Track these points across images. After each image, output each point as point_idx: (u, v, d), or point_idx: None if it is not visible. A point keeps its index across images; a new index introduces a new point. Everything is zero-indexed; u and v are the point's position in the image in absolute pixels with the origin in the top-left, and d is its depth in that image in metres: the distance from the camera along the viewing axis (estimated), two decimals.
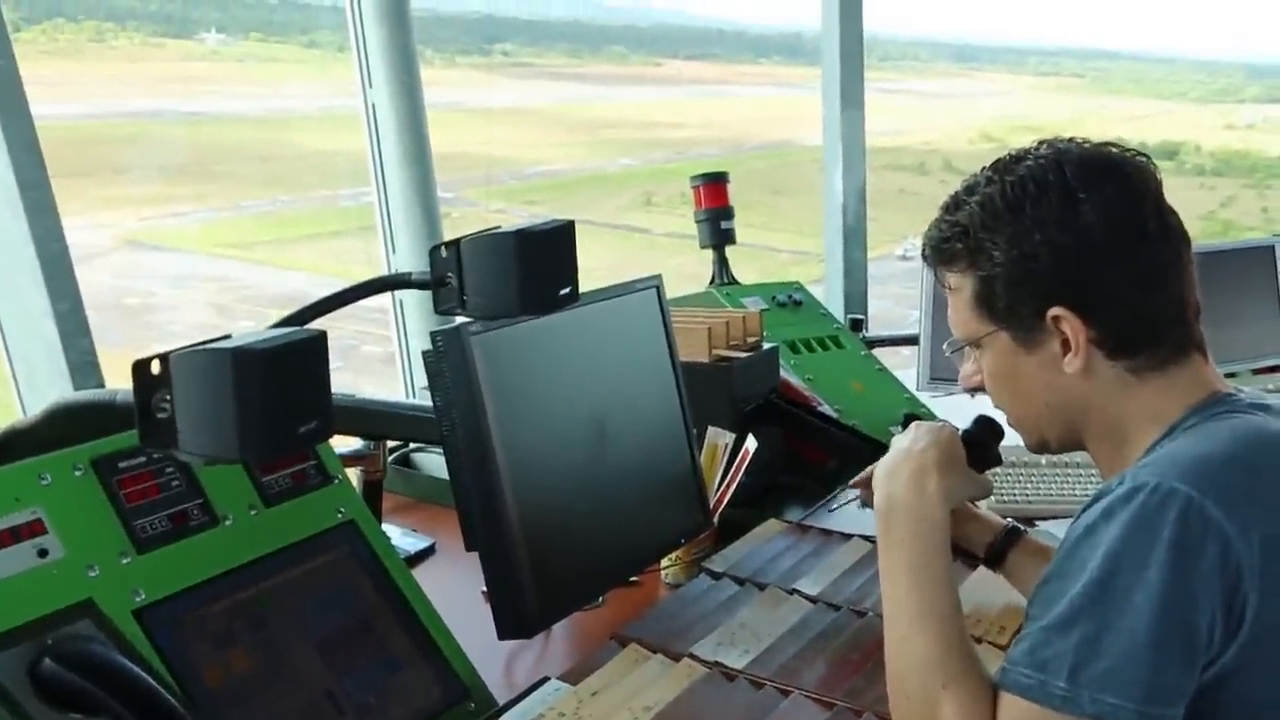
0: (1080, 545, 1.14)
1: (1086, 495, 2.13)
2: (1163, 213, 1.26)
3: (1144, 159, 1.29)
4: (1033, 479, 2.26)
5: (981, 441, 1.49)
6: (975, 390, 1.40)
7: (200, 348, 1.08)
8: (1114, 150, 1.29)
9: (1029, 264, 1.25)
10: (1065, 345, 1.26)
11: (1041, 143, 1.31)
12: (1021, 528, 1.63)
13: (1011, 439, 1.47)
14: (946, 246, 1.33)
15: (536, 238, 1.52)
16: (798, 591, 1.74)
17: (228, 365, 1.05)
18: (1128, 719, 1.08)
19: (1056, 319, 1.25)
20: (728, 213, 3.03)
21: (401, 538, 2.08)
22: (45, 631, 1.15)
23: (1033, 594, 1.19)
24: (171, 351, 1.08)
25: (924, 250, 1.39)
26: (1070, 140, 1.30)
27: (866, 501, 1.69)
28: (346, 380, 1.37)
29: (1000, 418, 1.46)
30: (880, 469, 1.44)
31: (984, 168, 1.32)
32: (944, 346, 1.45)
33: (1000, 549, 1.60)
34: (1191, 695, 1.11)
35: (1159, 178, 1.29)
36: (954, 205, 1.33)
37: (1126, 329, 1.25)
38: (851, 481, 1.75)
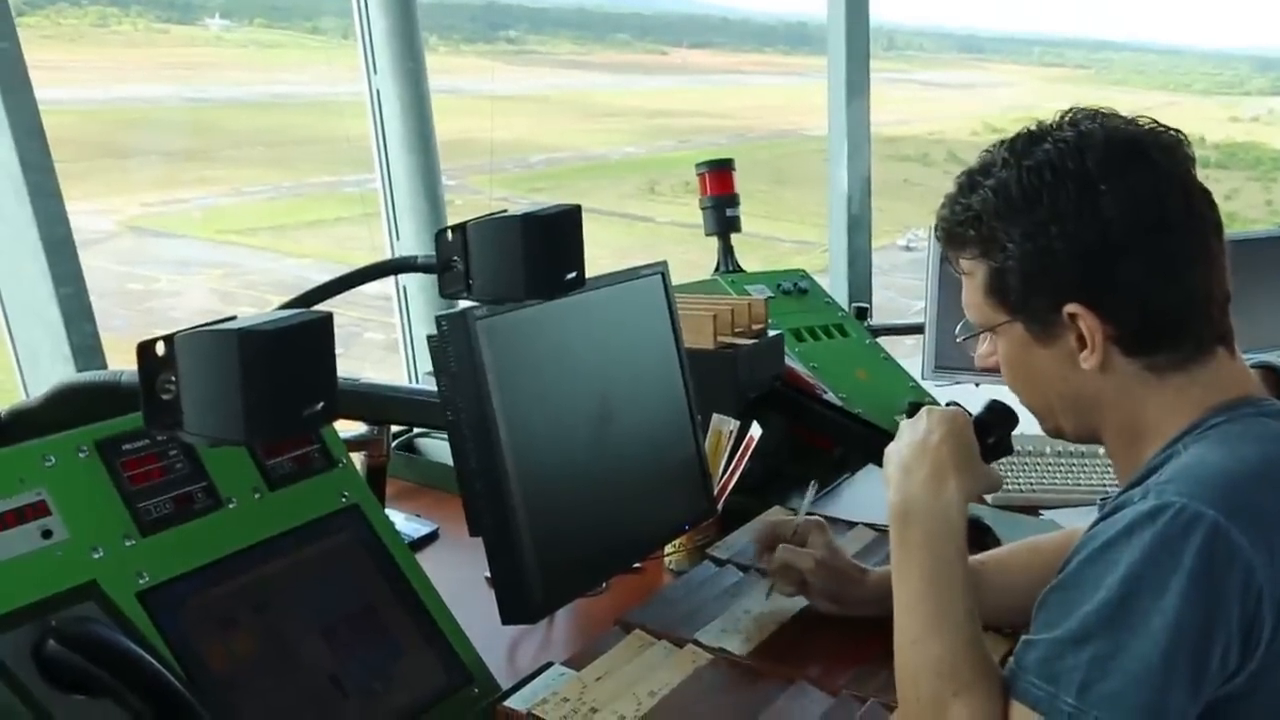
0: (1097, 559, 1.11)
1: (1093, 485, 2.15)
2: (1190, 198, 1.20)
3: (1175, 136, 1.22)
4: (1039, 468, 2.25)
5: (994, 429, 1.42)
6: (991, 370, 1.34)
7: (206, 329, 1.07)
8: (1143, 129, 1.22)
9: (1044, 259, 1.20)
10: (1081, 341, 1.21)
11: (1065, 116, 1.24)
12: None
13: (1018, 427, 1.45)
14: (959, 231, 1.28)
15: (543, 221, 1.51)
16: None
17: (233, 346, 1.04)
18: None
19: (1073, 315, 1.21)
20: (733, 200, 3.02)
21: (405, 523, 2.08)
22: (49, 613, 1.15)
23: (1041, 597, 1.16)
24: (177, 333, 1.07)
25: (936, 230, 1.33)
26: (1096, 115, 1.23)
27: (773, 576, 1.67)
28: (349, 367, 1.37)
29: (1013, 401, 1.41)
30: (893, 463, 1.37)
31: (1002, 143, 1.26)
32: (956, 331, 1.40)
33: None
34: (1200, 713, 1.10)
35: (1191, 156, 1.23)
36: (968, 186, 1.27)
37: (1146, 326, 1.20)
38: (756, 554, 1.70)
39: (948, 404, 1.43)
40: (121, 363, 2.13)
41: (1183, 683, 1.06)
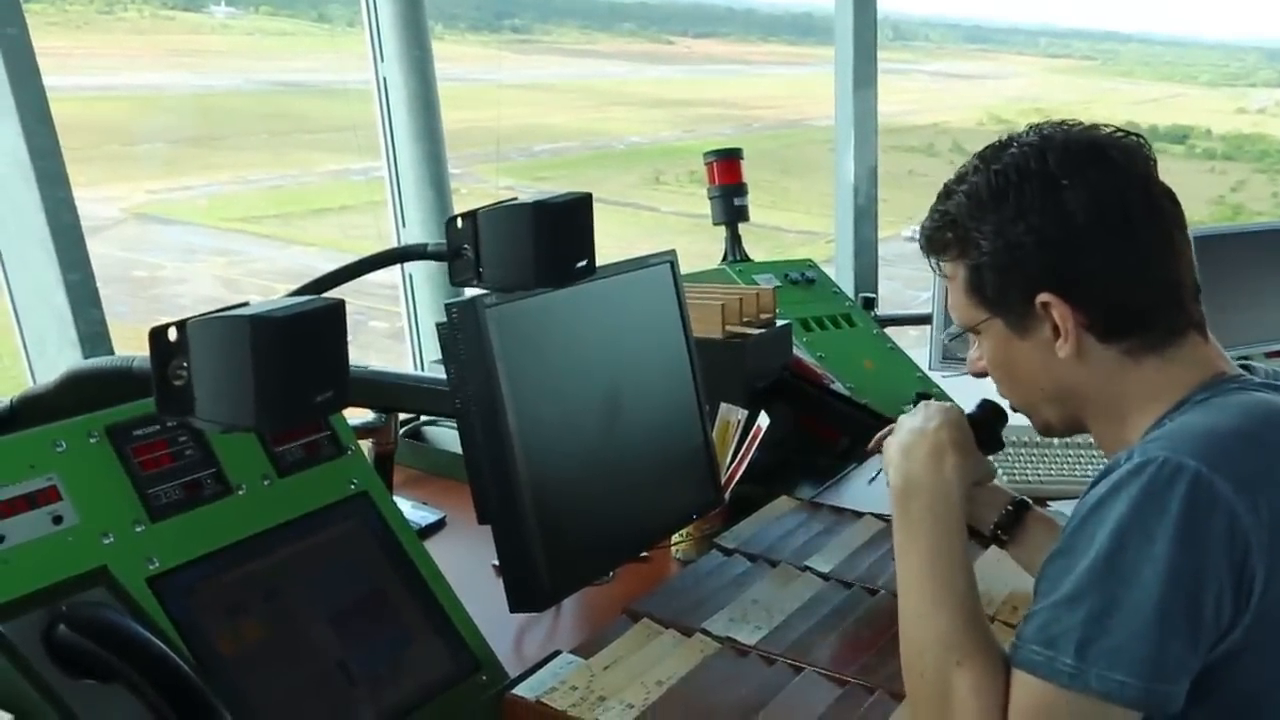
0: (1089, 520, 1.14)
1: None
2: (1151, 196, 1.26)
3: (1134, 140, 1.29)
4: (1045, 459, 2.25)
5: (986, 425, 1.48)
6: (980, 375, 1.40)
7: (218, 315, 1.07)
8: (1101, 133, 1.28)
9: (1014, 252, 1.26)
10: (1056, 331, 1.27)
11: (1031, 128, 1.31)
12: (1029, 501, 1.61)
13: (1019, 420, 1.47)
14: (938, 236, 1.35)
15: (554, 209, 1.51)
16: (809, 569, 1.74)
17: (245, 332, 1.04)
18: (1134, 696, 1.08)
19: (1045, 305, 1.26)
20: (741, 189, 3.02)
21: (412, 511, 2.08)
22: (59, 598, 1.15)
23: (1041, 569, 1.18)
24: (189, 319, 1.07)
25: (919, 238, 1.40)
26: (1060, 124, 1.30)
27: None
28: (354, 355, 1.36)
29: (1004, 401, 1.46)
30: (894, 447, 1.43)
31: (974, 155, 1.33)
32: (943, 334, 1.45)
33: (1008, 522, 1.59)
34: (1199, 673, 1.11)
35: (1150, 158, 1.29)
36: (945, 195, 1.34)
37: (1115, 313, 1.25)
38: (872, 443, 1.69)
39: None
40: (126, 349, 2.13)
41: (1179, 632, 1.09)
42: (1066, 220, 1.23)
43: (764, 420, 1.94)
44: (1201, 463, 1.10)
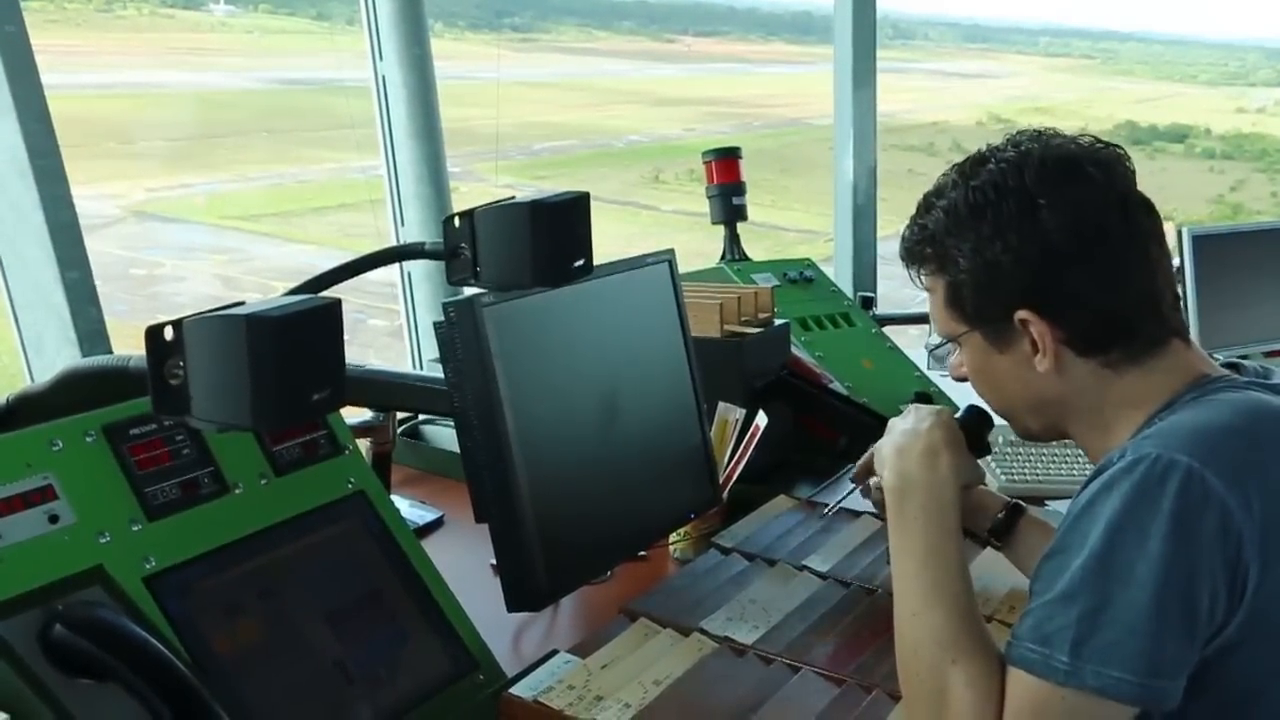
0: (1082, 518, 1.14)
1: None
2: (1128, 211, 1.26)
3: (1112, 152, 1.29)
4: (1043, 459, 2.25)
5: (973, 430, 1.49)
6: (961, 379, 1.41)
7: (214, 314, 1.07)
8: (1081, 147, 1.29)
9: (992, 271, 1.27)
10: (1034, 346, 1.28)
11: (1009, 140, 1.32)
12: (1023, 505, 1.62)
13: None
14: (917, 250, 1.36)
15: (551, 209, 1.51)
16: (807, 568, 1.74)
17: (241, 332, 1.04)
18: (1130, 692, 1.09)
19: (1024, 322, 1.27)
20: (739, 188, 3.02)
21: (410, 510, 2.08)
22: (56, 597, 1.14)
23: (1036, 569, 1.19)
24: (185, 318, 1.07)
25: (899, 250, 1.41)
26: (1039, 136, 1.31)
27: (866, 494, 1.70)
28: (353, 354, 1.36)
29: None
30: (888, 448, 1.44)
31: (953, 167, 1.34)
32: (925, 345, 1.46)
33: (1002, 527, 1.60)
34: (1195, 669, 1.12)
35: (1130, 170, 1.29)
36: (924, 208, 1.35)
37: (1094, 329, 1.26)
38: (852, 475, 1.73)
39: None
40: (124, 347, 2.13)
41: (1175, 629, 1.09)
42: (1044, 239, 1.24)
43: (762, 419, 1.94)
44: (1193, 459, 1.11)
